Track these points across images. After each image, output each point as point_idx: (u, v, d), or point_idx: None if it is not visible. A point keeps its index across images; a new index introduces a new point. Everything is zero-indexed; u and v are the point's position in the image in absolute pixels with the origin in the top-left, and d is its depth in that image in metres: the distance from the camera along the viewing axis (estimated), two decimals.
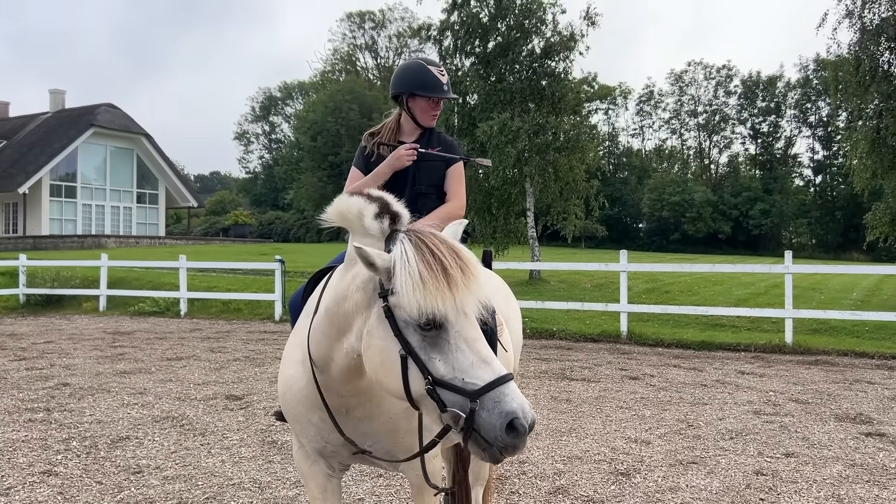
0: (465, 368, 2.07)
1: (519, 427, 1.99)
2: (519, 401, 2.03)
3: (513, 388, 2.05)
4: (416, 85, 3.32)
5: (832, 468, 5.20)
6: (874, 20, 16.08)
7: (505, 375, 2.06)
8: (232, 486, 4.77)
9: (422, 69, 3.34)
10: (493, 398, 2.02)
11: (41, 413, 6.74)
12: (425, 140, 3.44)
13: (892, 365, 9.94)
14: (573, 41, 20.51)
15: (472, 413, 2.02)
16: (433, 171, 3.43)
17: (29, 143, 38.95)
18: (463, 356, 2.08)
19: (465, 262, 2.14)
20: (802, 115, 64.65)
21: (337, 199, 2.42)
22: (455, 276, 2.10)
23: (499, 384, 2.04)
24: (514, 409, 2.00)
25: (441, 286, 2.08)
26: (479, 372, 2.06)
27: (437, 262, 2.11)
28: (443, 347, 2.09)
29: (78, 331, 13.38)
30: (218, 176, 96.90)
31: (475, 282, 2.14)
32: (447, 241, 2.21)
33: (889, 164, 16.58)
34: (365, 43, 69.91)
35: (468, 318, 2.12)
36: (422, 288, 2.07)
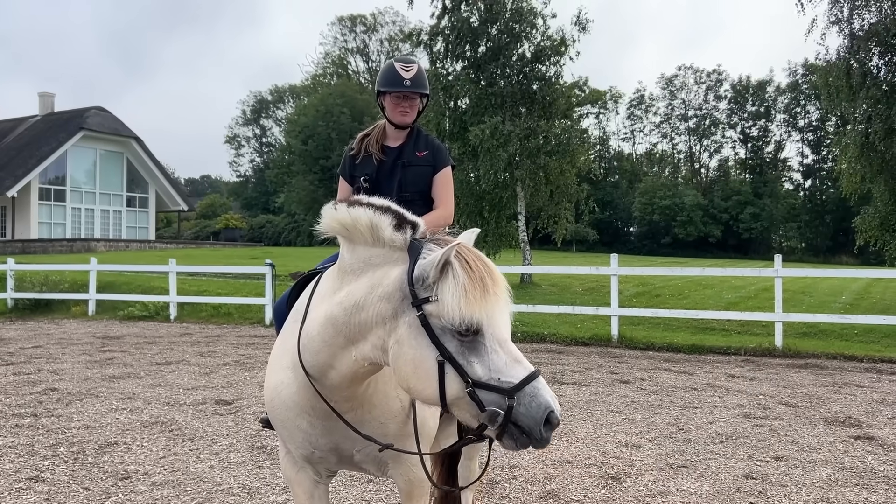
0: (500, 368, 2.16)
1: (554, 420, 2.12)
2: (551, 394, 2.16)
3: (543, 383, 2.17)
4: (382, 82, 3.33)
5: (821, 472, 5.21)
6: (863, 26, 16.20)
7: (535, 371, 2.18)
8: (221, 491, 4.74)
9: (389, 67, 3.33)
10: (530, 393, 2.13)
11: (28, 419, 6.68)
12: (412, 142, 3.38)
13: (881, 368, 9.99)
14: (564, 46, 20.58)
15: (510, 409, 2.11)
16: (420, 177, 3.38)
17: (18, 146, 38.71)
18: (498, 357, 2.18)
19: (493, 269, 2.25)
20: (792, 119, 65.05)
21: (336, 210, 2.39)
22: (488, 284, 2.19)
23: (532, 379, 2.15)
24: (549, 401, 2.13)
25: (480, 294, 2.17)
26: (513, 370, 2.16)
27: (477, 272, 2.20)
28: (480, 351, 2.17)
29: (66, 335, 13.28)
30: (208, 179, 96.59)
31: (504, 287, 2.25)
32: (474, 250, 2.29)
33: (877, 169, 16.68)
34: (356, 47, 69.93)
35: (501, 321, 2.22)
36: (465, 297, 2.14)
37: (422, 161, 3.36)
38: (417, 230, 2.33)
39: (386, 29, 68.09)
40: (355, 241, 2.37)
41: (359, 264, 2.35)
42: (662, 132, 70.67)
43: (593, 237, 54.34)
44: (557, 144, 20.14)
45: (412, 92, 3.30)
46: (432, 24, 21.21)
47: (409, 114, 3.34)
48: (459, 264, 2.19)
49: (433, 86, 20.73)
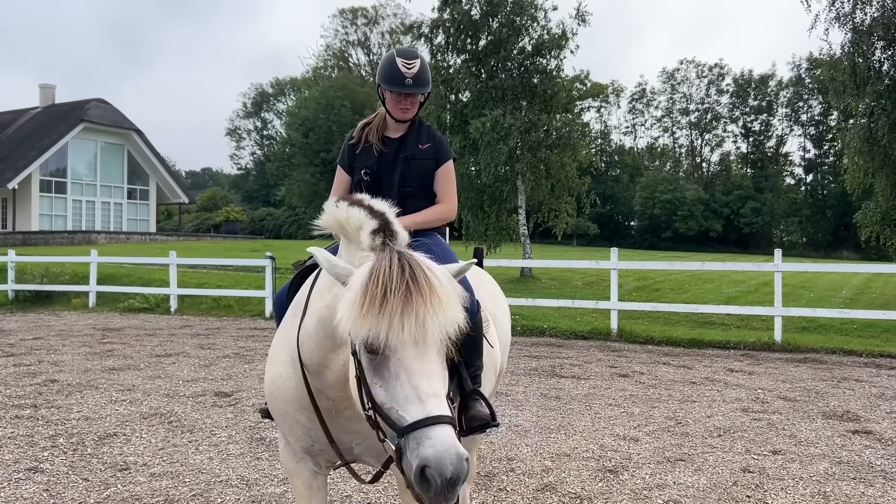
0: (399, 400, 2.01)
1: (430, 478, 1.86)
2: (439, 448, 1.88)
3: (439, 433, 1.91)
4: (384, 77, 3.19)
5: (819, 465, 5.23)
6: (865, 20, 16.14)
7: (434, 417, 1.94)
8: (219, 482, 4.76)
9: (390, 61, 3.19)
10: (416, 439, 1.93)
11: (28, 410, 6.70)
12: (414, 134, 3.31)
13: (879, 363, 10.00)
14: (564, 39, 20.53)
15: (397, 449, 1.97)
16: (423, 171, 3.30)
17: (18, 138, 38.68)
18: (400, 387, 2.01)
19: (424, 289, 2.03)
20: (794, 113, 64.91)
21: (336, 208, 2.41)
22: (390, 303, 1.99)
23: (423, 425, 1.93)
24: (428, 456, 1.87)
25: (371, 311, 2.00)
26: (410, 407, 1.97)
27: (380, 288, 2.02)
28: (384, 374, 2.04)
29: (67, 327, 13.30)
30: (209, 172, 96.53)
31: (422, 315, 2.01)
32: (415, 264, 2.10)
33: (880, 164, 16.65)
34: (357, 39, 69.74)
35: (417, 349, 2.02)
36: (351, 311, 2.03)
37: (424, 154, 3.28)
38: (395, 239, 2.27)
39: (387, 21, 67.90)
40: (350, 240, 2.38)
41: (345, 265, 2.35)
42: (664, 126, 70.57)
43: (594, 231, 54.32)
44: (558, 138, 20.13)
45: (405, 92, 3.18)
46: (433, 17, 21.17)
47: (410, 110, 3.25)
48: (368, 274, 2.07)
49: (434, 79, 20.68)
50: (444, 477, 1.86)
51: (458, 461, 1.89)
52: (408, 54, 3.22)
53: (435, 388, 2.02)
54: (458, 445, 1.93)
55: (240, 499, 4.48)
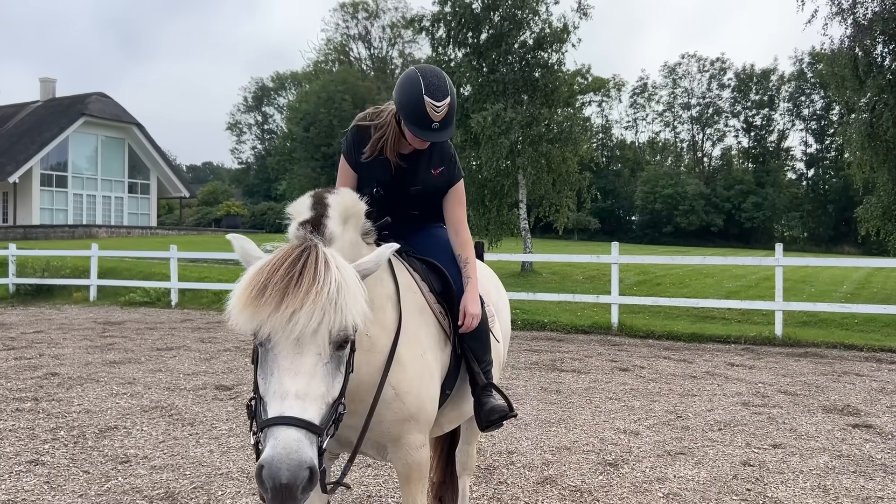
0: (269, 394, 2.01)
1: (264, 479, 1.84)
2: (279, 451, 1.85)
3: (283, 435, 1.88)
4: (406, 114, 2.85)
5: (819, 459, 5.23)
6: (867, 14, 16.09)
7: (286, 417, 1.91)
8: (220, 475, 4.76)
9: (417, 100, 2.79)
10: (266, 436, 1.92)
11: (29, 403, 6.70)
12: (426, 157, 3.05)
13: (880, 357, 10.00)
14: (566, 33, 20.49)
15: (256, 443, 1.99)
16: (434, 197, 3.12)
17: (19, 132, 38.66)
18: (272, 381, 2.01)
19: (305, 286, 1.99)
20: (796, 108, 64.79)
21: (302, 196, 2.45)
22: (267, 296, 1.98)
23: (273, 423, 1.91)
24: (265, 457, 1.86)
25: (248, 302, 2.00)
26: (272, 403, 1.97)
27: (262, 279, 2.02)
28: (264, 367, 2.05)
29: (68, 321, 13.32)
30: (210, 166, 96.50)
31: (306, 308, 1.97)
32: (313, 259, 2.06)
33: (882, 158, 16.62)
34: (358, 33, 69.61)
35: (294, 346, 2.00)
36: (235, 300, 2.04)
37: (436, 181, 3.07)
38: (320, 233, 2.27)
39: (388, 15, 67.78)
40: (289, 230, 2.39)
41: None
42: (665, 121, 70.50)
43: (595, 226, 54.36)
44: (559, 132, 20.10)
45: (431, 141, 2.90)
46: (434, 11, 21.12)
47: (427, 144, 2.98)
48: (255, 268, 2.07)
49: None
50: (278, 481, 1.82)
51: (296, 467, 1.84)
52: (437, 92, 2.79)
53: (298, 387, 1.97)
54: (303, 451, 1.87)
55: (240, 491, 4.48)
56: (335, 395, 2.09)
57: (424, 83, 2.81)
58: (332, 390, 2.07)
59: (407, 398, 2.63)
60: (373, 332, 2.53)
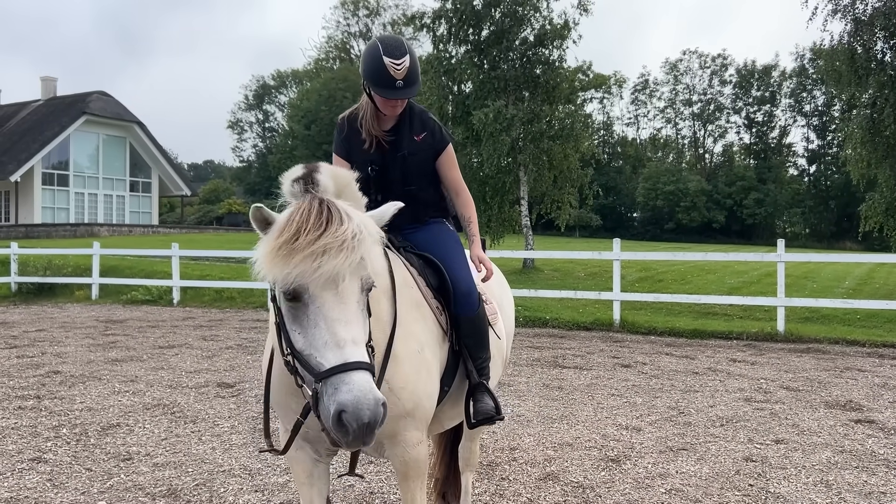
0: (318, 346, 2.03)
1: (346, 422, 1.91)
2: (356, 394, 1.92)
3: (355, 379, 1.95)
4: (371, 78, 2.97)
5: (821, 454, 5.22)
6: (866, 10, 16.05)
7: (352, 363, 1.97)
8: (222, 472, 4.77)
9: (376, 59, 2.92)
10: (333, 384, 1.96)
11: (31, 401, 6.71)
12: (406, 125, 3.15)
13: (882, 353, 9.98)
14: (566, 29, 20.46)
15: (314, 394, 2.00)
16: (423, 165, 3.19)
17: (20, 130, 38.68)
18: (319, 333, 2.04)
19: (333, 237, 2.03)
20: (797, 104, 64.70)
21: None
22: (300, 245, 2.00)
23: (341, 371, 1.96)
24: (345, 401, 1.91)
25: (285, 254, 2.01)
26: (328, 353, 2.00)
27: (293, 231, 2.04)
28: (302, 321, 2.07)
29: (70, 319, 13.33)
30: (211, 164, 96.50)
31: (344, 257, 2.02)
32: (334, 209, 2.11)
33: (883, 154, 16.59)
34: (359, 31, 69.57)
35: (336, 296, 2.05)
36: (268, 255, 2.03)
37: (421, 146, 3.14)
38: (315, 186, 2.28)
39: (389, 12, 67.73)
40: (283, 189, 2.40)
41: None
42: (666, 117, 70.43)
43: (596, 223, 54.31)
44: (561, 129, 20.08)
45: (394, 98, 2.98)
46: (436, 7, 21.09)
47: (399, 107, 3.08)
48: (283, 221, 2.08)
49: (436, 70, 20.64)
50: (361, 422, 1.91)
51: (374, 405, 1.93)
52: (395, 51, 2.93)
53: (353, 334, 2.04)
54: (376, 391, 1.96)
55: (242, 488, 4.49)
56: (367, 339, 2.16)
57: (382, 46, 2.97)
58: (366, 335, 2.16)
59: (402, 394, 2.61)
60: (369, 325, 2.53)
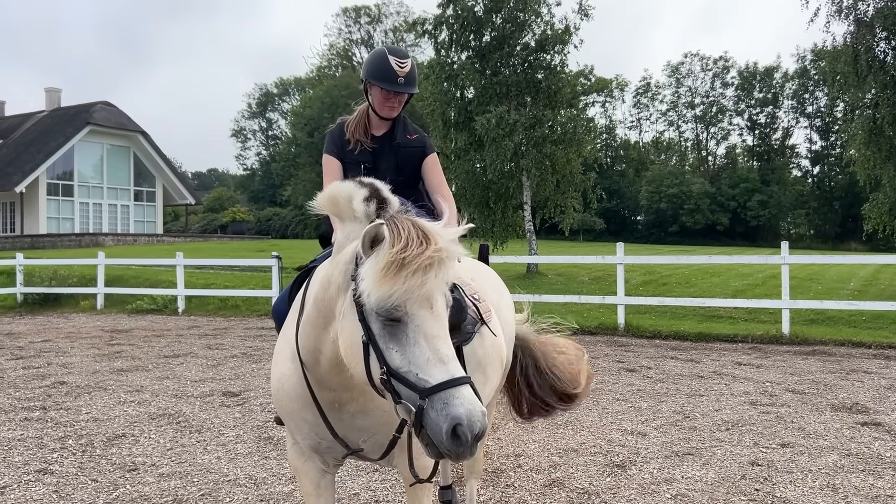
0: (419, 364, 2.04)
1: (461, 435, 1.94)
2: (468, 407, 1.96)
3: (465, 393, 1.99)
4: (374, 74, 3.23)
5: (827, 458, 5.20)
6: (868, 11, 16.05)
7: (460, 378, 2.01)
8: (227, 482, 4.77)
9: (381, 57, 3.23)
10: (443, 399, 1.98)
11: (37, 412, 6.73)
12: (399, 128, 3.43)
13: (888, 354, 9.95)
14: (567, 34, 20.49)
15: (420, 410, 1.99)
16: (413, 158, 3.44)
17: (25, 141, 38.88)
18: (420, 351, 2.05)
19: (435, 252, 2.07)
20: (800, 105, 64.58)
21: (328, 188, 2.42)
22: (409, 266, 2.03)
23: (450, 386, 1.99)
24: (460, 414, 1.95)
25: (392, 277, 2.02)
26: (432, 370, 2.02)
27: (397, 253, 2.05)
28: (401, 339, 2.07)
29: (75, 329, 13.37)
30: (215, 173, 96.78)
31: (441, 273, 2.08)
32: (423, 228, 2.14)
33: (886, 155, 16.57)
34: (361, 38, 69.82)
35: (432, 313, 2.08)
36: (376, 278, 2.03)
37: (413, 143, 3.41)
38: (387, 206, 2.26)
39: (390, 20, 67.98)
40: (343, 216, 2.36)
41: (343, 240, 2.32)
42: (669, 120, 70.35)
43: (600, 226, 54.26)
44: (563, 133, 20.08)
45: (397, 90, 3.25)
46: (437, 14, 21.14)
47: (396, 108, 3.34)
48: (390, 242, 2.08)
49: (438, 75, 20.69)
50: (474, 432, 1.95)
51: (483, 417, 2.00)
52: (400, 53, 3.25)
53: (451, 351, 2.09)
54: (481, 404, 2.03)
55: (248, 498, 4.49)
56: None
57: (388, 49, 3.29)
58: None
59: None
60: None
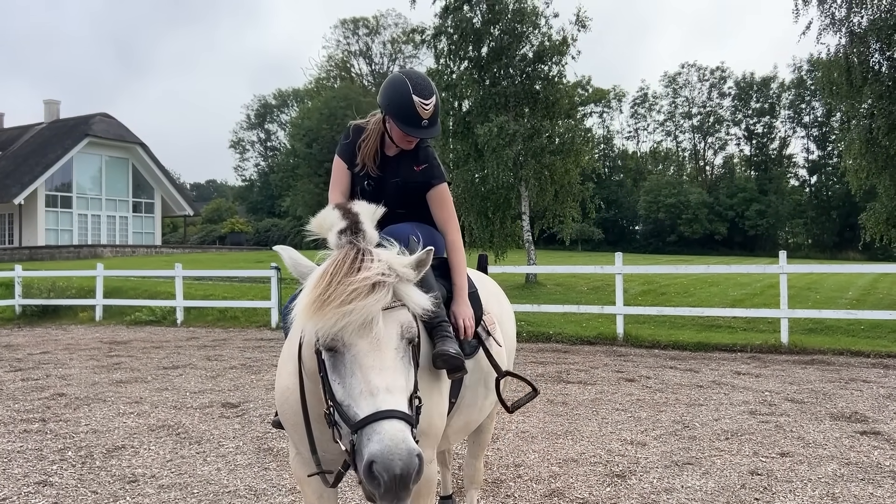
0: (354, 396, 2.00)
1: (377, 474, 1.83)
2: (387, 443, 1.85)
3: (385, 428, 1.89)
4: (394, 112, 2.99)
5: (827, 467, 5.21)
6: (861, 23, 16.15)
7: (384, 412, 1.92)
8: (227, 493, 4.77)
9: (405, 97, 2.94)
10: (367, 434, 1.91)
11: (37, 423, 6.72)
12: (410, 154, 3.18)
13: (887, 363, 9.96)
14: (565, 45, 20.60)
15: (351, 445, 1.95)
16: (418, 193, 3.19)
17: (24, 153, 38.92)
18: (355, 382, 2.01)
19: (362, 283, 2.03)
20: (797, 115, 64.86)
21: (319, 213, 2.47)
22: (333, 299, 2.01)
23: (373, 420, 1.91)
24: (374, 452, 1.85)
25: (317, 308, 2.01)
26: (362, 402, 1.97)
27: (329, 281, 2.04)
28: (341, 371, 2.06)
29: (74, 341, 13.35)
30: (214, 184, 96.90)
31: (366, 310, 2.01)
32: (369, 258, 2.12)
33: (882, 164, 16.63)
34: (359, 49, 70.06)
35: (370, 342, 2.04)
36: (304, 307, 2.05)
37: (419, 176, 3.15)
38: (362, 238, 2.29)
39: (388, 31, 68.24)
40: (327, 242, 2.41)
41: None
42: (666, 130, 70.61)
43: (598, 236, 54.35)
44: (561, 144, 20.15)
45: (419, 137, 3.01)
46: (436, 24, 21.24)
47: (414, 142, 3.12)
48: (320, 274, 2.10)
49: (438, 85, 20.78)
50: (392, 473, 1.83)
51: (407, 456, 1.85)
52: (424, 91, 2.95)
53: (387, 381, 2.01)
54: (410, 441, 1.89)
55: None
56: (412, 389, 2.13)
57: (411, 84, 2.95)
58: (409, 384, 2.12)
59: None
60: None
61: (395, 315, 2.11)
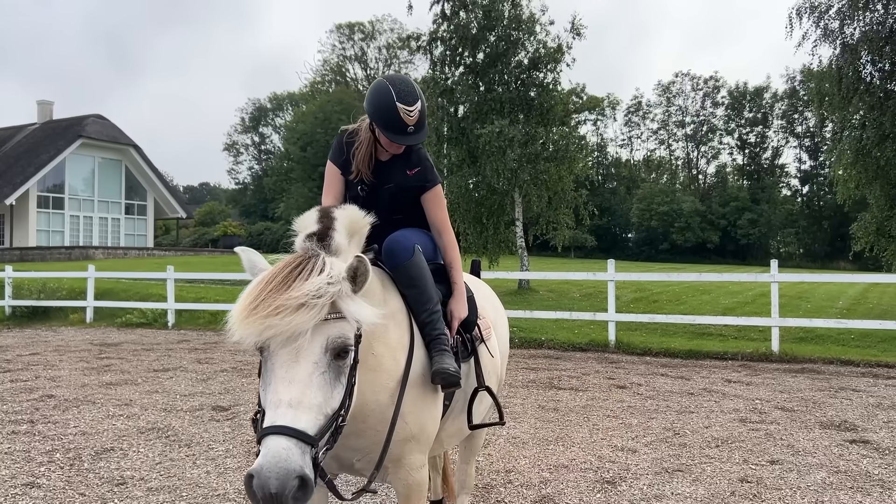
0: (265, 404, 2.03)
1: (254, 489, 1.84)
2: (269, 459, 1.85)
3: (271, 445, 1.89)
4: (378, 121, 2.96)
5: (816, 475, 5.23)
6: (854, 34, 16.28)
7: (275, 427, 1.92)
8: (217, 496, 4.75)
9: (388, 105, 2.90)
10: (262, 446, 1.93)
11: (25, 425, 6.68)
12: (402, 159, 3.15)
13: (877, 373, 10.01)
14: (560, 53, 20.68)
15: (258, 454, 1.96)
16: (412, 198, 3.18)
17: (16, 154, 38.74)
18: (269, 391, 2.03)
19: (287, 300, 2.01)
20: (789, 125, 65.31)
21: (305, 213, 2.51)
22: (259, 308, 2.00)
23: (265, 434, 1.93)
24: (254, 467, 1.87)
25: (244, 316, 2.02)
26: (268, 413, 1.99)
27: (254, 293, 2.05)
28: (265, 376, 2.08)
29: (64, 342, 13.28)
30: (207, 187, 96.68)
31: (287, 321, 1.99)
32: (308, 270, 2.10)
33: (872, 175, 16.75)
34: (354, 54, 70.15)
35: (289, 353, 2.02)
36: (234, 315, 2.05)
37: (412, 181, 3.13)
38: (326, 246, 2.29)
39: (384, 36, 68.37)
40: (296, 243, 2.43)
41: None
42: (660, 138, 70.96)
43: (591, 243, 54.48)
44: (555, 151, 20.22)
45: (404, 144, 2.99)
46: (432, 30, 21.30)
47: (403, 147, 3.10)
48: (258, 281, 2.10)
49: (433, 90, 20.81)
50: (267, 491, 1.82)
51: (284, 476, 1.84)
52: (408, 97, 2.91)
53: (292, 395, 1.98)
54: (293, 461, 1.87)
55: None
56: (334, 407, 2.08)
57: (395, 91, 2.92)
58: (330, 401, 2.07)
59: (409, 418, 2.63)
60: (378, 350, 2.54)
61: (325, 328, 2.07)
